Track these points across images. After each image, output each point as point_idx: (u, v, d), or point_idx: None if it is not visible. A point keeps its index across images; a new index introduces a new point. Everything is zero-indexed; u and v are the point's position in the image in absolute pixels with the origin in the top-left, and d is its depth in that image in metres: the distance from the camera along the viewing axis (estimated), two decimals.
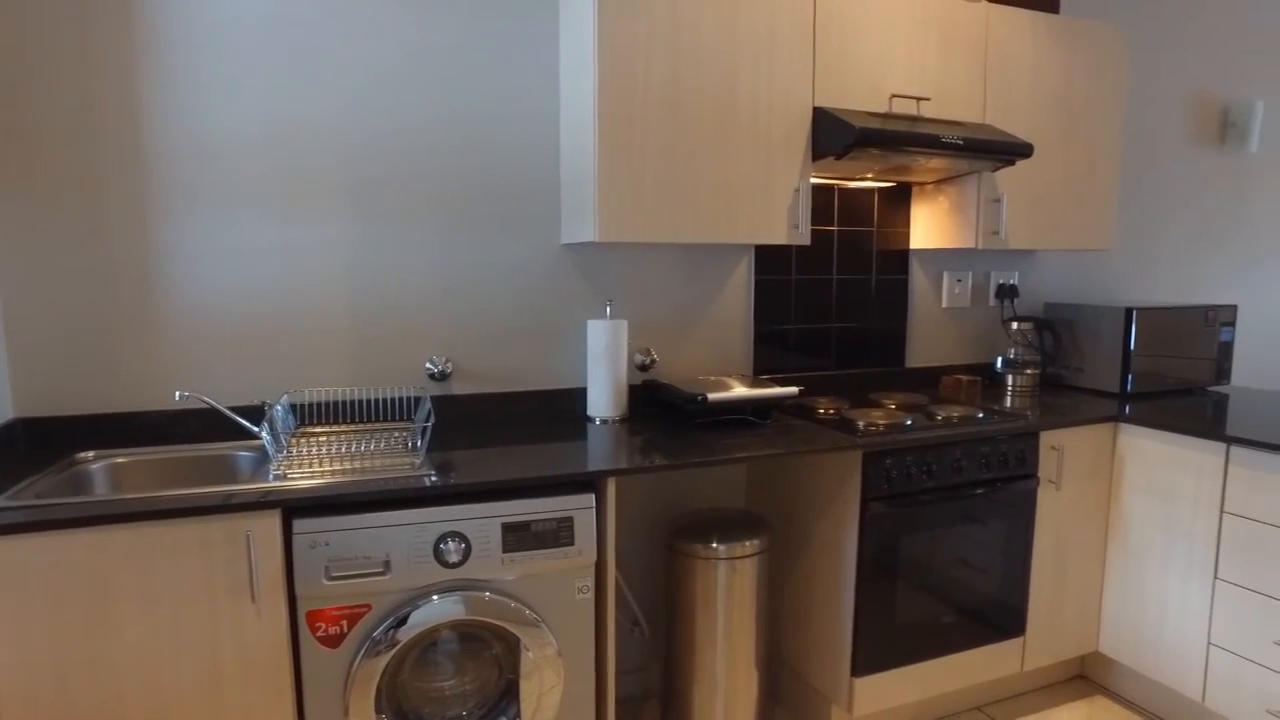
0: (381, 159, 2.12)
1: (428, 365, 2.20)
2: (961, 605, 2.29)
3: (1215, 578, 2.22)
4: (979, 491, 2.25)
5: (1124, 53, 2.64)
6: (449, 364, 2.22)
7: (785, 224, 2.21)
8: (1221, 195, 3.51)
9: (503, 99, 2.21)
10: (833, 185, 2.65)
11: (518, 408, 2.31)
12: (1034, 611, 2.41)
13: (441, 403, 2.22)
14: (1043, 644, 2.45)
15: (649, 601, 2.54)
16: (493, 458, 1.86)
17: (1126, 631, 2.46)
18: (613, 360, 2.26)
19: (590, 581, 1.81)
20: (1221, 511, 2.20)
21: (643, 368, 2.39)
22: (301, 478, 1.66)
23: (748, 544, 2.14)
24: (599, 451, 1.94)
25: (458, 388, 2.25)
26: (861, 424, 2.17)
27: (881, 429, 2.15)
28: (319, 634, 1.61)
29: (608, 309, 2.37)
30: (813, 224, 2.61)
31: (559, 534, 1.76)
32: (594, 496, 1.79)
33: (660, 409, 2.40)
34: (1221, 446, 2.19)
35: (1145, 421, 2.37)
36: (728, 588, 2.13)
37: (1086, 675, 2.66)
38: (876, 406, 2.44)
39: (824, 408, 2.37)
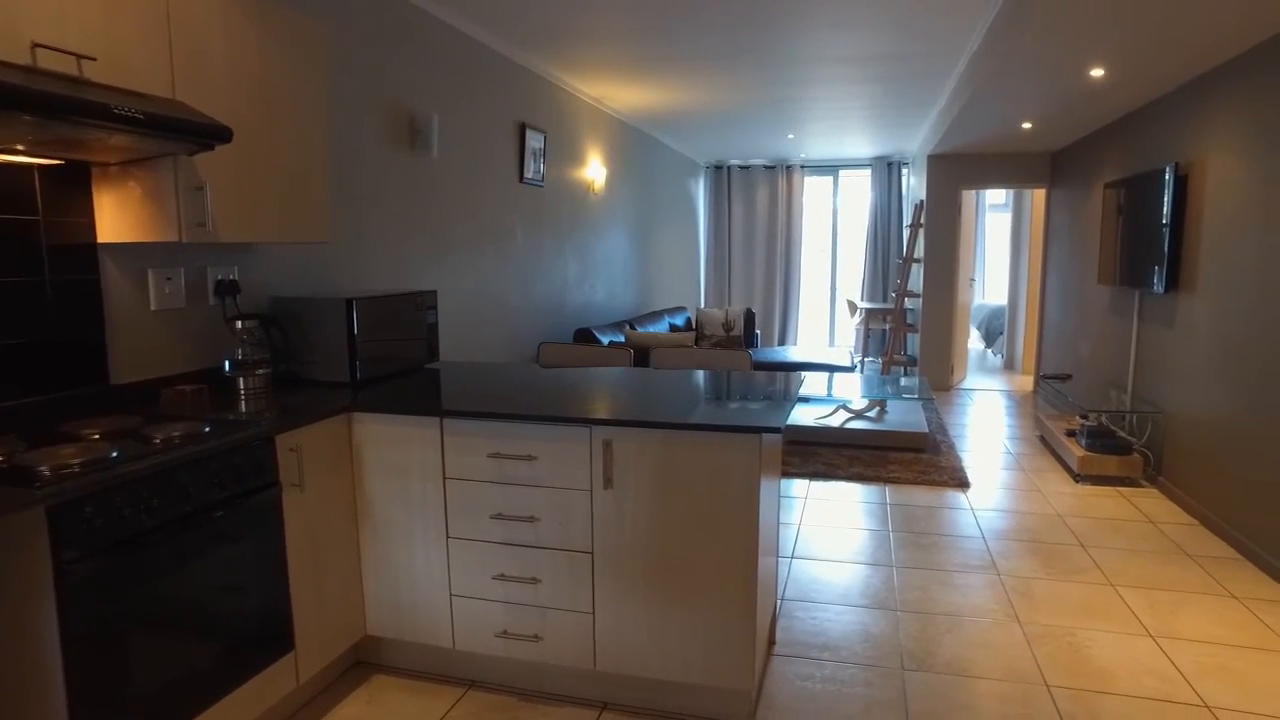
0: None
1: None
2: (223, 642, 2.02)
3: (448, 537, 2.47)
4: (218, 514, 2.00)
5: (327, 49, 2.65)
6: None
7: None
8: (416, 193, 3.94)
9: None
10: None
11: None
12: (300, 621, 2.30)
13: None
14: (315, 649, 2.37)
15: None
16: None
17: (388, 608, 2.57)
18: None
19: None
20: (444, 478, 2.44)
21: None
22: None
23: None
24: None
25: None
26: (47, 469, 1.69)
27: (78, 470, 1.71)
28: None
29: None
30: None
31: None
32: None
33: None
34: (436, 420, 2.42)
35: (373, 407, 2.47)
36: None
37: (362, 660, 2.70)
38: (71, 441, 1.94)
39: None
